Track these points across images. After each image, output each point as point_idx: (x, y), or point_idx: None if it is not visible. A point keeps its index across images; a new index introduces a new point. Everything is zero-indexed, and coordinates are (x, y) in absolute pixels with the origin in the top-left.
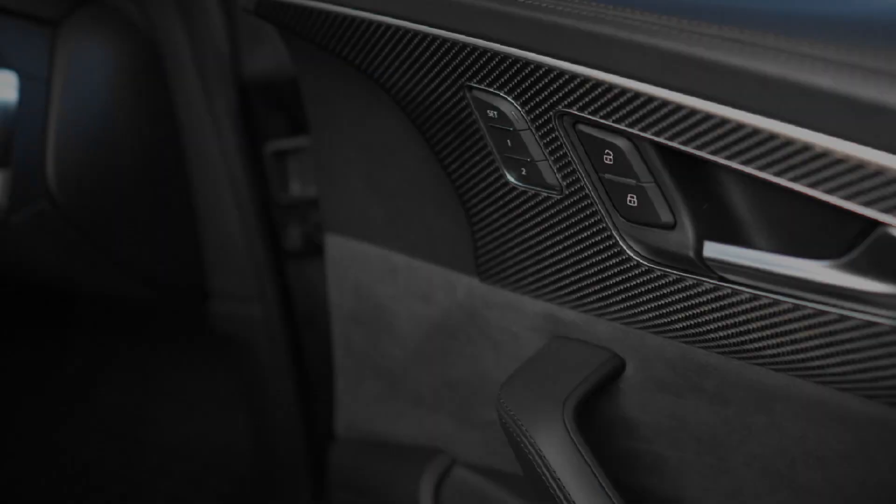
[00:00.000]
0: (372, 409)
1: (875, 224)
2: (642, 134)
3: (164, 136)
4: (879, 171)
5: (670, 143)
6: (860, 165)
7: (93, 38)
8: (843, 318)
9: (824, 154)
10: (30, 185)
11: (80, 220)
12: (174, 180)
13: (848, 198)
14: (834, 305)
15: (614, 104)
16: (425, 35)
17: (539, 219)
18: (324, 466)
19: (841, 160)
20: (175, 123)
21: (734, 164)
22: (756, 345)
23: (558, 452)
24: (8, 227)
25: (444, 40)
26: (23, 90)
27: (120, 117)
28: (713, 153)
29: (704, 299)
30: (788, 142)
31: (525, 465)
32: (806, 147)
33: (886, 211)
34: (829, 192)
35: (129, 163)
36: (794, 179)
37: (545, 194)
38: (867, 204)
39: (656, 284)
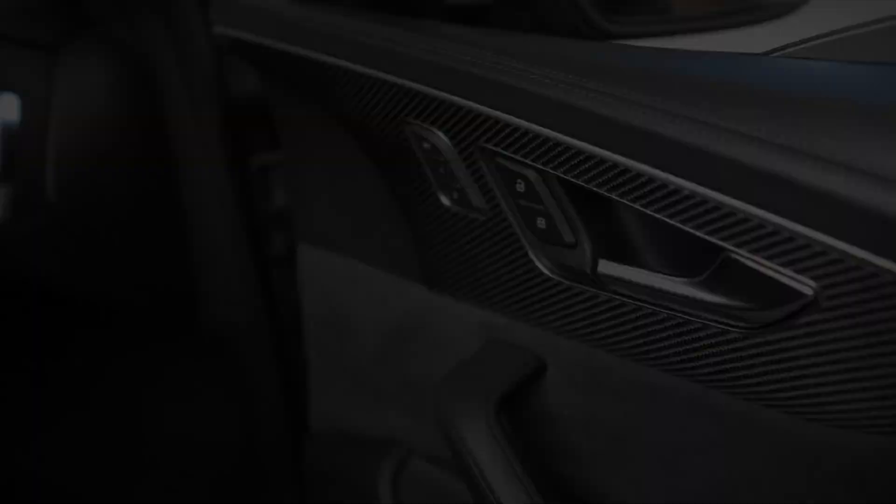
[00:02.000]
0: (341, 406)
1: (720, 249)
2: (545, 168)
3: (155, 151)
4: (717, 206)
5: (566, 177)
6: (703, 201)
7: (89, 60)
8: (704, 327)
9: (676, 191)
10: (31, 199)
11: (77, 230)
12: (165, 191)
13: (697, 228)
14: (696, 316)
15: (521, 142)
16: (369, 76)
17: (470, 236)
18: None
19: (689, 196)
20: (166, 138)
21: (615, 196)
22: (642, 349)
23: (479, 442)
24: (10, 237)
25: (385, 82)
26: (24, 111)
27: (114, 134)
28: (598, 187)
29: (600, 309)
30: (651, 179)
31: (454, 454)
32: (664, 185)
33: (724, 239)
34: (683, 222)
35: (123, 176)
36: (657, 211)
37: (473, 216)
38: (710, 233)
39: (563, 296)
